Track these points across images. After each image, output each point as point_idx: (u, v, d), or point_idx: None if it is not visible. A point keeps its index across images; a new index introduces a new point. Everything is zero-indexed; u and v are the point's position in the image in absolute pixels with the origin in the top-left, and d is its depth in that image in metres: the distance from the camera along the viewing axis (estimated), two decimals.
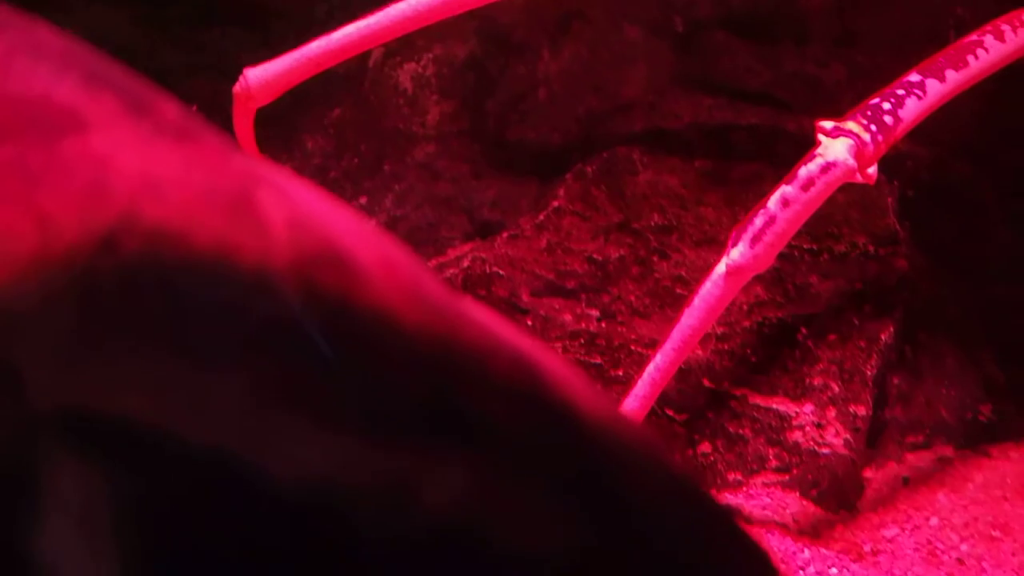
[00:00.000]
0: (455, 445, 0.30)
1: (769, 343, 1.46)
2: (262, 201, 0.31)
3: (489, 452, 0.30)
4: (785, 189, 1.18)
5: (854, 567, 1.18)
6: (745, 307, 1.49)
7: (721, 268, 1.19)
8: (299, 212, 0.32)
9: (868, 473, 1.46)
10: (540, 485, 0.30)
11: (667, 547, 0.32)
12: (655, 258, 1.54)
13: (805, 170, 1.19)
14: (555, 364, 0.34)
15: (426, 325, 0.31)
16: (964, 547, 1.25)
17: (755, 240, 1.18)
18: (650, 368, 1.20)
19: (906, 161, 1.65)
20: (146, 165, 0.32)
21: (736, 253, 1.18)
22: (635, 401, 1.20)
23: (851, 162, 1.20)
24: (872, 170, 1.21)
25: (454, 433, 0.30)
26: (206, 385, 0.28)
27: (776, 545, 1.20)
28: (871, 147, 1.20)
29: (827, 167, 1.19)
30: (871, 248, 1.56)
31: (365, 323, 0.30)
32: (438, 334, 0.31)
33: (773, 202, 1.19)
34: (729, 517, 0.34)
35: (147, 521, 0.27)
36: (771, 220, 1.18)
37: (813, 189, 1.18)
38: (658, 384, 1.20)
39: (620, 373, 1.43)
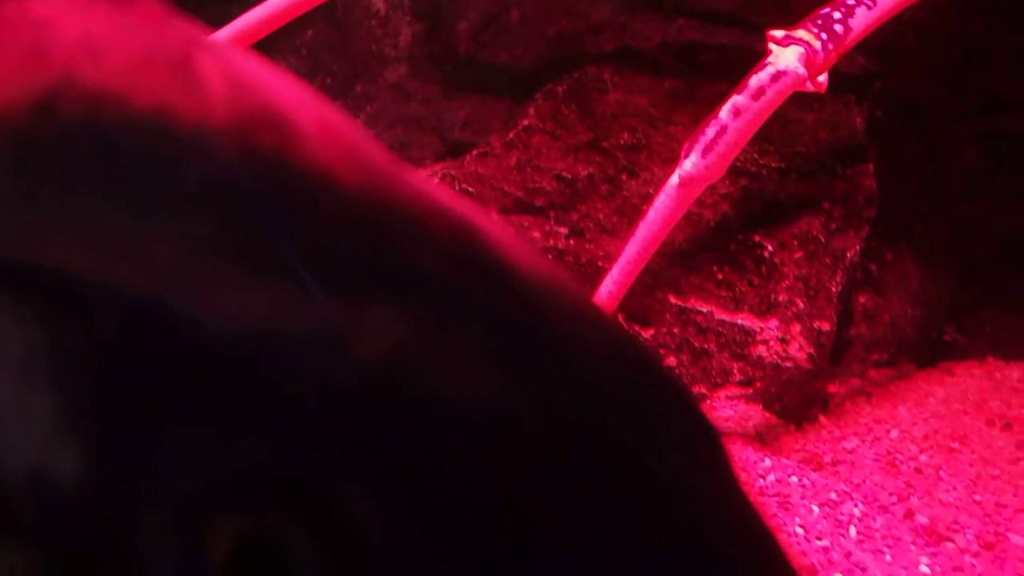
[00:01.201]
0: (390, 300, 0.30)
1: (736, 260, 1.47)
2: (201, 64, 0.32)
3: (423, 307, 0.30)
4: (736, 99, 1.19)
5: (814, 476, 1.21)
6: (712, 224, 1.50)
7: (674, 179, 1.20)
8: (238, 75, 0.32)
9: (832, 388, 1.48)
10: (473, 338, 0.31)
11: (602, 410, 0.33)
12: (624, 176, 1.54)
13: (756, 79, 1.20)
14: (495, 229, 0.34)
15: (364, 186, 0.32)
16: (923, 458, 1.27)
17: (707, 150, 1.18)
18: (606, 281, 1.21)
19: (875, 82, 1.66)
20: (86, 29, 0.32)
21: (688, 164, 1.19)
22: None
23: (801, 70, 1.20)
24: (823, 78, 1.22)
25: (389, 288, 0.31)
26: (144, 238, 0.29)
27: (737, 454, 1.23)
28: (821, 55, 1.21)
29: (777, 75, 1.19)
30: (839, 168, 1.57)
31: (302, 181, 0.31)
32: (376, 195, 0.32)
33: (724, 112, 1.19)
34: (678, 389, 0.35)
35: (85, 370, 0.28)
36: (722, 130, 1.18)
37: (764, 98, 1.18)
38: (615, 296, 1.21)
39: (587, 289, 1.44)
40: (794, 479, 1.19)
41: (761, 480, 1.17)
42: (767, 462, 1.23)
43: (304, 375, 0.29)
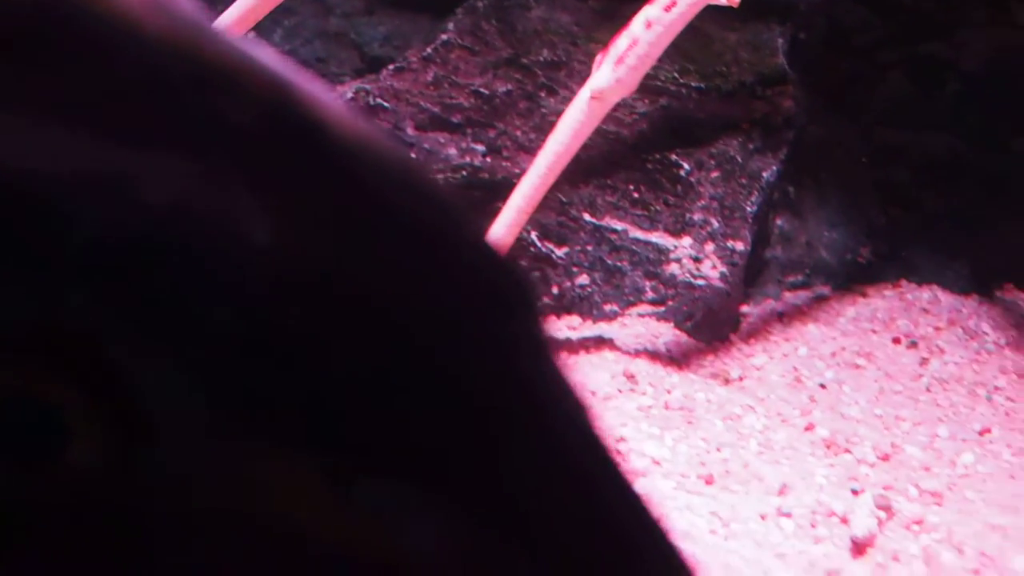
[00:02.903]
0: (184, 148, 0.29)
1: (652, 178, 1.47)
2: None
3: (221, 157, 0.29)
4: (648, 10, 1.17)
5: (720, 390, 1.21)
6: (630, 143, 1.49)
7: (585, 93, 1.18)
8: None
9: (745, 308, 1.48)
10: (273, 190, 0.30)
11: (412, 262, 0.32)
12: (543, 93, 1.52)
13: None
14: (315, 91, 0.33)
15: (168, 34, 0.30)
16: (829, 374, 1.28)
17: (618, 63, 1.17)
18: (514, 195, 1.20)
19: (799, 3, 1.65)
20: None
21: (599, 77, 1.17)
22: (501, 228, 1.20)
23: None
24: None
25: (185, 137, 0.29)
26: None
27: (644, 369, 1.23)
28: None
29: None
30: (758, 88, 1.56)
31: (98, 25, 0.29)
32: (180, 45, 0.31)
33: (636, 24, 1.18)
34: (499, 261, 0.34)
35: None
36: (634, 42, 1.17)
37: (675, 9, 1.17)
38: (523, 211, 1.20)
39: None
40: (700, 394, 1.19)
41: (667, 395, 1.18)
42: (675, 378, 1.23)
43: (80, 218, 0.28)
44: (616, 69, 1.17)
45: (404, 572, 0.29)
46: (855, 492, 1.02)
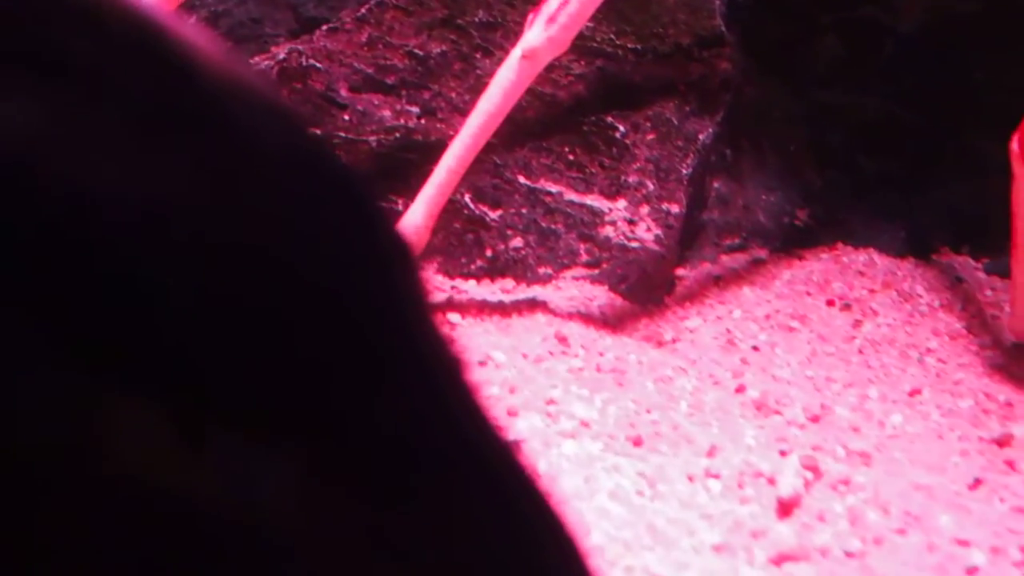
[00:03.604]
0: (32, 84, 0.28)
1: (587, 141, 1.45)
2: None
3: (74, 92, 0.28)
4: None
5: (653, 353, 1.21)
6: (566, 105, 1.48)
7: (516, 52, 1.17)
8: None
9: (681, 271, 1.48)
10: (138, 125, 0.28)
11: (276, 203, 0.30)
12: (478, 54, 1.51)
13: None
14: (186, 30, 0.32)
15: None
16: (762, 336, 1.28)
17: (550, 21, 1.16)
18: (446, 156, 1.18)
19: None
20: None
21: (531, 36, 1.16)
22: (432, 188, 1.18)
23: None
24: None
25: (31, 70, 0.28)
26: None
27: (577, 332, 1.22)
28: None
29: None
30: (695, 50, 1.55)
31: None
32: None
33: None
34: (355, 186, 0.33)
35: None
36: (565, 1, 1.16)
37: None
38: (455, 172, 1.19)
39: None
40: (632, 357, 1.19)
41: (599, 357, 1.17)
42: (608, 341, 1.22)
43: None
44: (548, 27, 1.16)
45: (253, 524, 0.27)
46: (783, 453, 1.01)
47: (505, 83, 1.17)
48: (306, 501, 0.27)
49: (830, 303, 1.37)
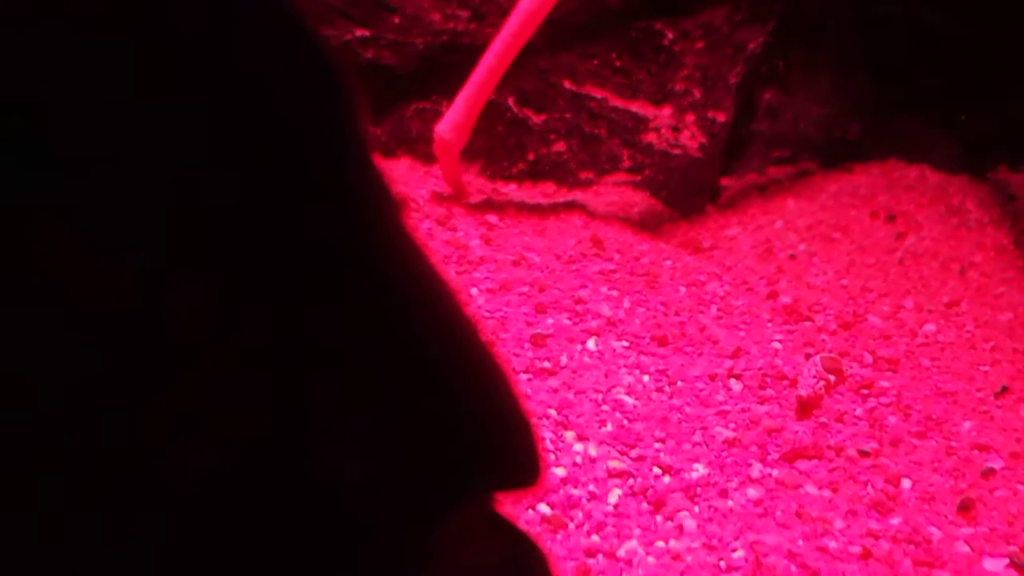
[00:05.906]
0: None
1: (635, 48, 1.44)
2: None
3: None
4: None
5: (688, 259, 1.20)
6: (614, 10, 1.47)
7: None
8: None
9: (727, 181, 1.47)
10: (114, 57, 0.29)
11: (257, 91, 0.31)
12: None
13: None
14: None
15: None
16: (801, 246, 1.27)
17: None
18: (486, 56, 1.18)
19: None
20: None
21: None
22: (472, 87, 1.19)
23: None
24: None
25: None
26: None
27: (613, 236, 1.22)
28: None
29: None
30: None
31: None
32: None
33: None
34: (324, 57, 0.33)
35: None
36: None
37: None
38: (495, 70, 1.19)
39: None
40: (668, 262, 1.19)
41: (633, 261, 1.17)
42: (644, 246, 1.22)
43: None
44: None
45: (160, 329, 0.29)
46: (808, 357, 1.01)
47: None
48: (216, 315, 0.28)
49: (874, 215, 1.35)
